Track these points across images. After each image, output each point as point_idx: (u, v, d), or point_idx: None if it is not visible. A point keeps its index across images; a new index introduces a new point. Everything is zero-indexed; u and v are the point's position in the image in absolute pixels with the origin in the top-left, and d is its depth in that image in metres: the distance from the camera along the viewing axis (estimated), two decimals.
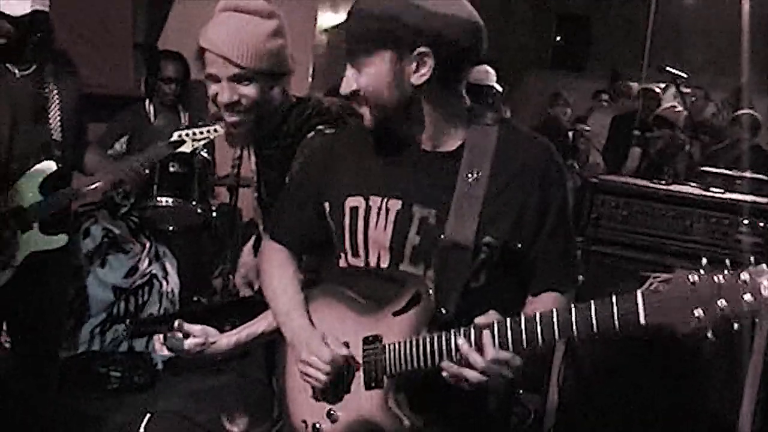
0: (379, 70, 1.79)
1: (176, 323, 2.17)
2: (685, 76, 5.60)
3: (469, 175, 1.83)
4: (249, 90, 2.20)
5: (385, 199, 1.88)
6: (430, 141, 1.88)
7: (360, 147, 1.96)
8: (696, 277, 1.50)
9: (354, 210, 1.92)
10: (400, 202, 1.87)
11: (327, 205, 1.99)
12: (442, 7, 1.76)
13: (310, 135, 2.24)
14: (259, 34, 2.19)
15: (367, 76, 1.81)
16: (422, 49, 1.76)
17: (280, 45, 2.24)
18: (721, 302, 1.47)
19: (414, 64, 1.78)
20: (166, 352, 2.20)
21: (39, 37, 3.01)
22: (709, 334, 1.50)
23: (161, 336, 2.20)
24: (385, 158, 1.92)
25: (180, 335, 2.20)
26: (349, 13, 1.83)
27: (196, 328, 2.19)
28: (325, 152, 2.05)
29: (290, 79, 2.31)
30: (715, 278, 1.49)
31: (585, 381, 3.53)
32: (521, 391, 3.54)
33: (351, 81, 1.84)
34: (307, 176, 2.08)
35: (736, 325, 1.48)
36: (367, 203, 1.90)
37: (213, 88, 2.22)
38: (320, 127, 2.25)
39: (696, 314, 1.49)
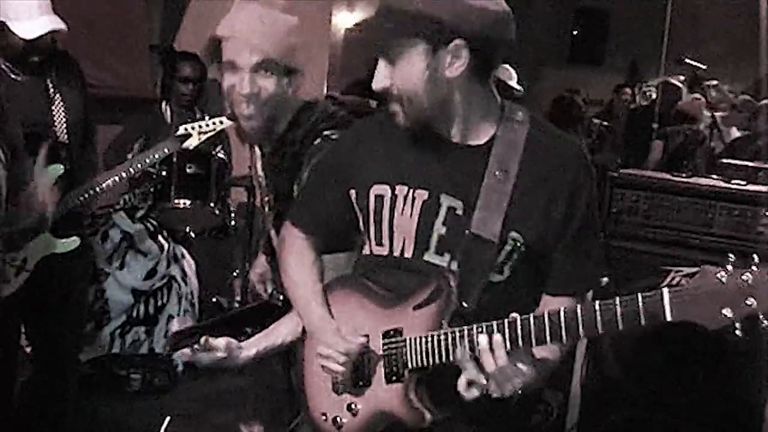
0: (414, 64, 1.78)
1: (202, 340, 2.16)
2: (704, 67, 5.55)
3: (498, 171, 1.82)
4: (268, 82, 2.20)
5: (412, 189, 1.87)
6: (459, 134, 1.87)
7: (388, 136, 1.94)
8: (724, 274, 1.47)
9: (379, 198, 1.91)
10: (427, 192, 1.86)
11: (353, 192, 1.98)
12: (474, 0, 1.75)
13: (316, 142, 2.23)
14: (283, 26, 2.21)
15: (402, 71, 1.79)
16: (457, 41, 1.75)
17: (297, 43, 2.24)
18: (750, 300, 1.44)
19: (449, 57, 1.76)
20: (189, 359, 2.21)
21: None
22: (738, 332, 1.47)
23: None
24: (414, 148, 1.90)
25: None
26: (379, 9, 1.82)
27: (220, 343, 2.18)
28: (353, 140, 2.04)
29: (302, 81, 2.30)
30: (744, 276, 1.46)
31: (608, 378, 3.49)
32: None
33: (384, 76, 1.82)
34: (333, 164, 2.06)
35: (765, 323, 1.45)
36: (393, 191, 1.89)
37: (230, 80, 2.21)
38: (326, 133, 2.23)
39: (725, 313, 1.46)
